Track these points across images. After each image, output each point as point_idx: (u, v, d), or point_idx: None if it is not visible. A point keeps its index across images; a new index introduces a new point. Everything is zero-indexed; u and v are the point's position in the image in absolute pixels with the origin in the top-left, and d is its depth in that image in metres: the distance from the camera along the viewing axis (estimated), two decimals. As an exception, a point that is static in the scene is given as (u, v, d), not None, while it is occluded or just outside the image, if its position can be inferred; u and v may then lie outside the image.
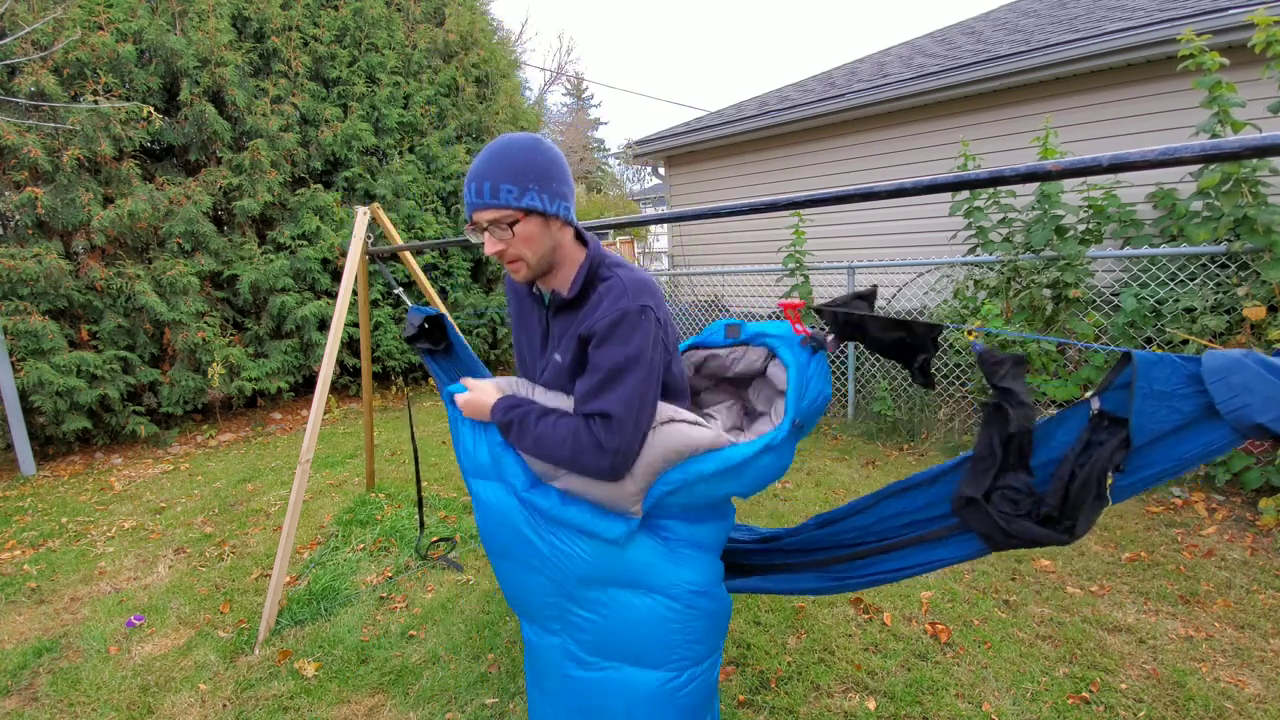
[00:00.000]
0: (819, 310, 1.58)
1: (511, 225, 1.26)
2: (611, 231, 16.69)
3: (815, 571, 1.62)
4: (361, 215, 3.09)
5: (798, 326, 1.59)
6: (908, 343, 1.48)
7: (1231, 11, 4.38)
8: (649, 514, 1.38)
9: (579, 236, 1.40)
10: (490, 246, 1.28)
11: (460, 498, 4.06)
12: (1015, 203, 4.43)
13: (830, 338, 1.56)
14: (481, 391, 1.45)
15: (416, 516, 3.44)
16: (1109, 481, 1.18)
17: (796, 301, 1.60)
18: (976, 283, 4.61)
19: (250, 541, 3.60)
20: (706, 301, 7.30)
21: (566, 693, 1.44)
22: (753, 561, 1.75)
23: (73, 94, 5.07)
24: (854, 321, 1.52)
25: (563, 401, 1.38)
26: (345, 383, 7.09)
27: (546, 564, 1.41)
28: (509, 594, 1.54)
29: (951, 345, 4.69)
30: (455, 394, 1.50)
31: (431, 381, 7.86)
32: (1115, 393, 1.20)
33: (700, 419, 1.41)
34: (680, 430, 1.34)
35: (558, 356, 1.38)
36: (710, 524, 1.46)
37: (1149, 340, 3.84)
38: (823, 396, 1.52)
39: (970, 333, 1.43)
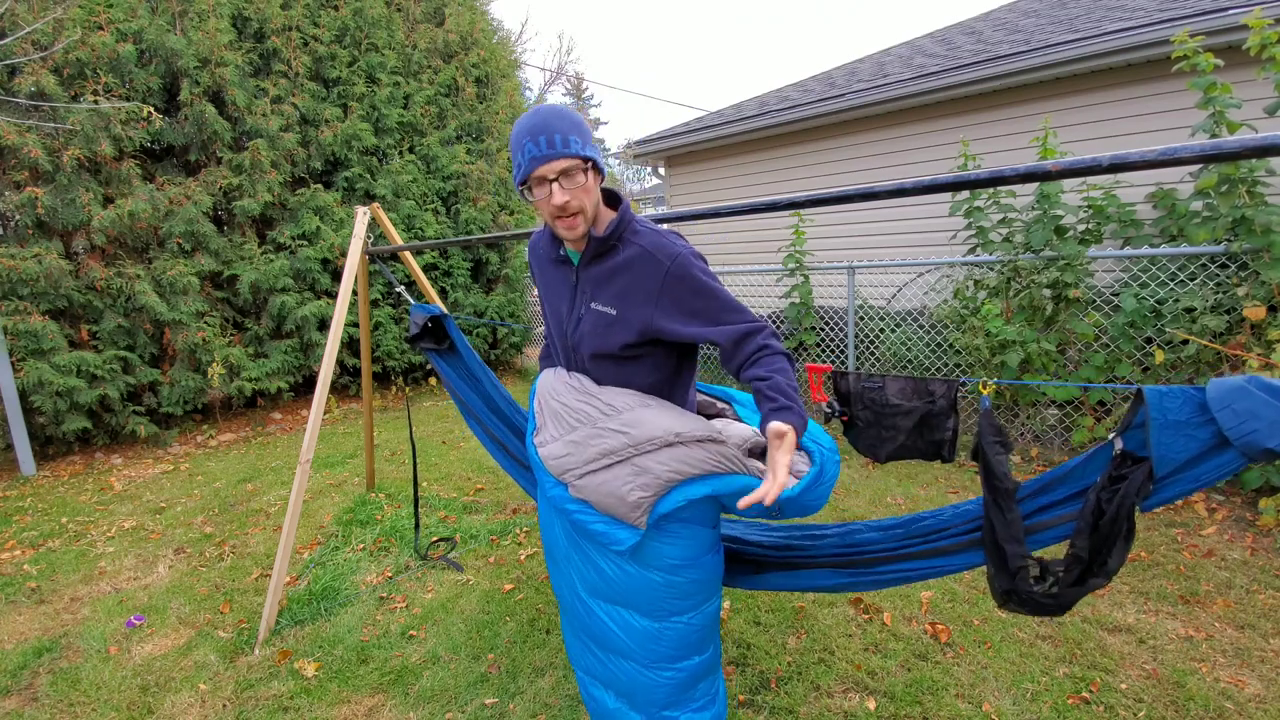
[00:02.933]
0: (840, 374, 1.62)
1: (583, 172, 1.32)
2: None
3: (831, 570, 1.67)
4: (361, 215, 3.09)
5: (817, 394, 1.64)
6: (933, 413, 1.46)
7: (1231, 12, 4.38)
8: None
9: (609, 197, 1.49)
10: (559, 197, 1.32)
11: (460, 498, 4.06)
12: (1015, 203, 4.43)
13: (843, 414, 1.60)
14: (784, 468, 1.24)
15: (414, 516, 3.44)
16: (1136, 513, 1.20)
17: (823, 366, 1.64)
18: (976, 283, 4.61)
19: (250, 541, 3.60)
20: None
21: (575, 617, 1.62)
22: (768, 558, 1.77)
23: (73, 94, 5.06)
24: (874, 397, 1.53)
25: (618, 398, 1.46)
26: (345, 383, 7.08)
27: (555, 514, 1.59)
28: (542, 533, 1.72)
29: (951, 345, 4.69)
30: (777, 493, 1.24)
31: (432, 381, 7.86)
32: (1135, 432, 1.22)
33: (709, 432, 1.43)
34: (694, 454, 1.39)
35: (597, 306, 1.45)
36: (703, 504, 1.49)
37: (1149, 340, 3.84)
38: (820, 500, 1.48)
39: (984, 385, 1.43)
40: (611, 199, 1.48)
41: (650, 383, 1.51)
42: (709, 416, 1.78)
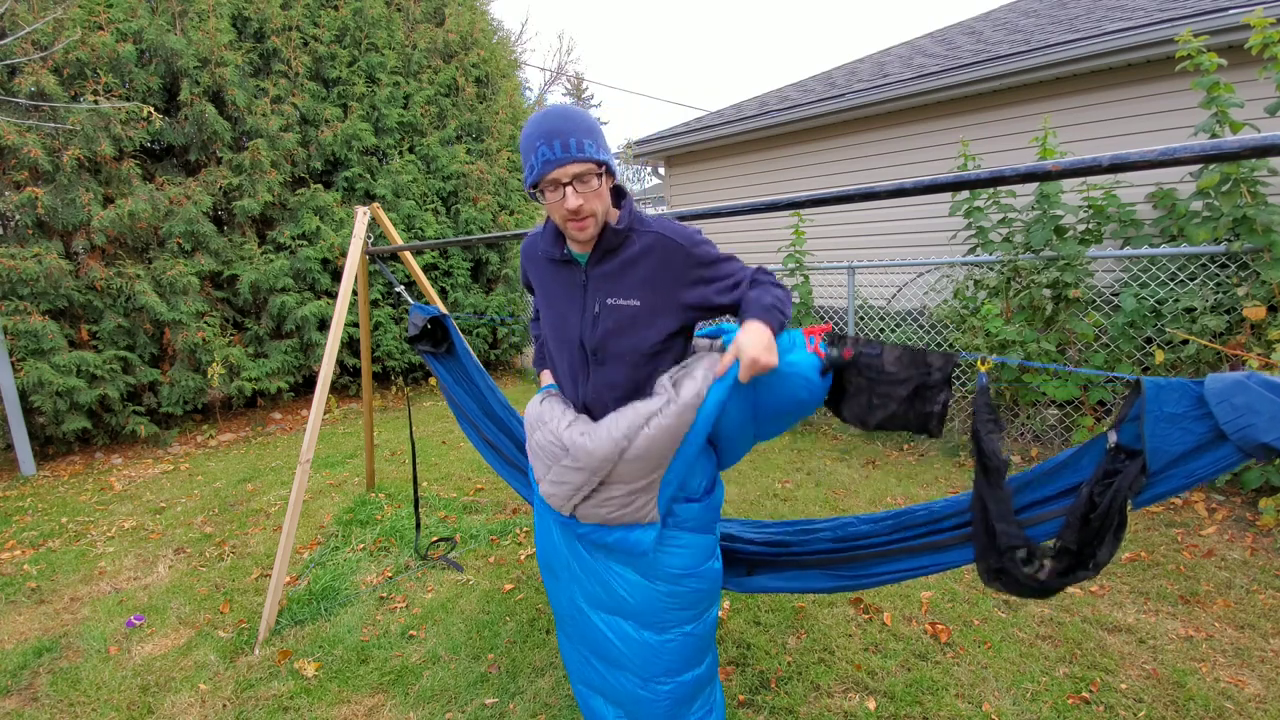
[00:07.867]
0: (838, 337, 1.55)
1: (596, 177, 1.31)
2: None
3: (822, 569, 1.65)
4: (361, 215, 3.09)
5: (811, 345, 1.57)
6: (928, 384, 1.42)
7: (1231, 11, 4.38)
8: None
9: (613, 193, 1.48)
10: (573, 201, 1.30)
11: (460, 498, 4.06)
12: (1015, 203, 4.42)
13: (839, 352, 1.51)
14: (759, 346, 1.29)
15: (414, 516, 3.44)
16: (1128, 508, 1.19)
17: (823, 326, 1.60)
18: (976, 283, 4.61)
19: (250, 541, 3.59)
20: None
21: (575, 628, 1.62)
22: (760, 556, 1.76)
23: (73, 94, 5.06)
24: (870, 363, 1.48)
25: (567, 432, 1.45)
26: (345, 383, 7.08)
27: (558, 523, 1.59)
28: (538, 544, 1.71)
29: (951, 345, 4.69)
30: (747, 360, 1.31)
31: (432, 381, 7.85)
32: (1131, 425, 1.20)
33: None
34: (664, 426, 1.34)
35: (615, 301, 1.42)
36: (700, 502, 1.50)
37: (1149, 340, 3.84)
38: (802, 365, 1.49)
39: (983, 362, 1.42)
40: (616, 194, 1.46)
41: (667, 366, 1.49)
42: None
